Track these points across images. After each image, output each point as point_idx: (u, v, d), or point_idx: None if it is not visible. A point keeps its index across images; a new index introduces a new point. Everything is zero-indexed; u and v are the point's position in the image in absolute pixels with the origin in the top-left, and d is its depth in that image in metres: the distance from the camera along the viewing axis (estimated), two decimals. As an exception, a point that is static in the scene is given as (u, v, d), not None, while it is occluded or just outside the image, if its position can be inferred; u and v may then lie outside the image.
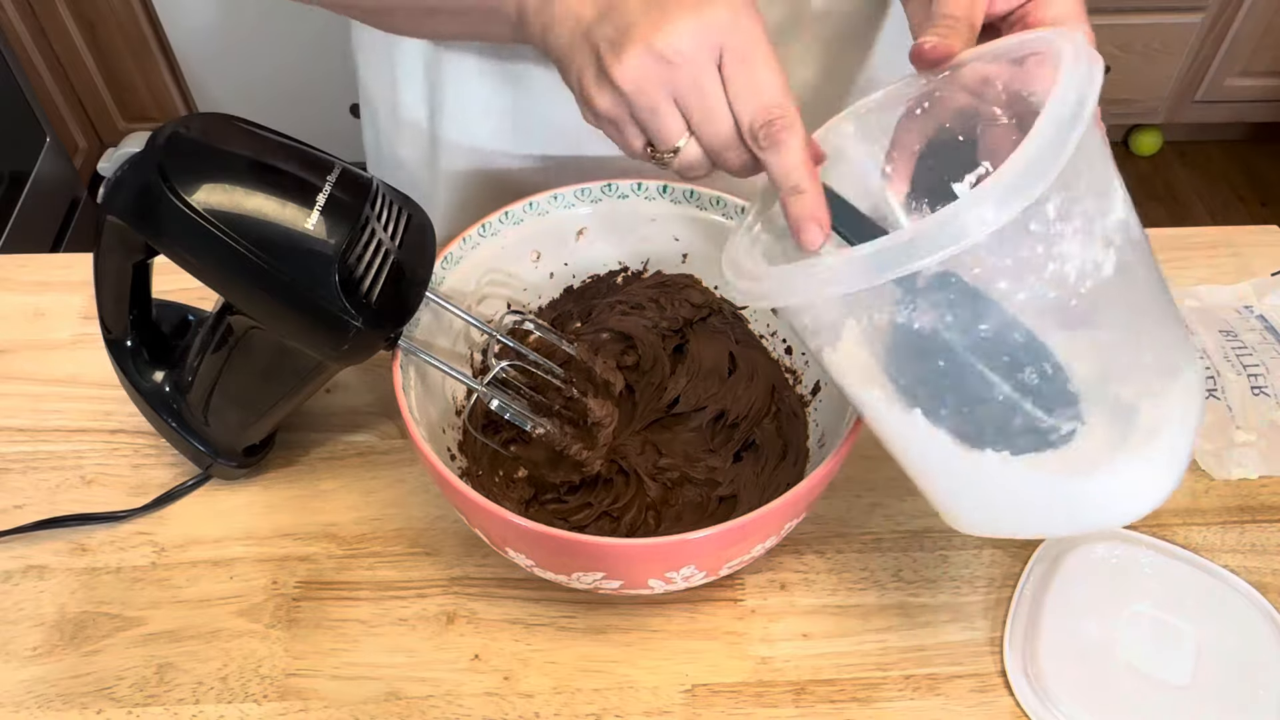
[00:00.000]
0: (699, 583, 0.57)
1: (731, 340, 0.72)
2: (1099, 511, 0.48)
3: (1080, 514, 0.48)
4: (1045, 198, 0.40)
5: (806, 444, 0.66)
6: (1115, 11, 1.94)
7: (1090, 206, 0.42)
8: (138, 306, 0.63)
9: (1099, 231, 0.42)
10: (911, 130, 0.52)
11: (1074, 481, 0.46)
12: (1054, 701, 0.58)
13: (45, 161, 1.92)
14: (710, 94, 0.47)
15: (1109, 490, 0.47)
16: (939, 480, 0.51)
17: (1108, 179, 0.44)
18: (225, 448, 0.67)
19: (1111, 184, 0.44)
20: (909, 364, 0.46)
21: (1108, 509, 0.48)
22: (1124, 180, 0.45)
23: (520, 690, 0.60)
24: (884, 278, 0.41)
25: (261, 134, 0.55)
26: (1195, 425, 0.47)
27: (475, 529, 0.58)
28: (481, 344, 0.69)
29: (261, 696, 0.60)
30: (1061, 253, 0.41)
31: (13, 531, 0.66)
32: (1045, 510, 0.48)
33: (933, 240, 0.39)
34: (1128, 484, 0.47)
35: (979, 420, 0.46)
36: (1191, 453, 0.48)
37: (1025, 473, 0.46)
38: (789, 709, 0.59)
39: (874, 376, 0.47)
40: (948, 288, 0.42)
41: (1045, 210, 0.40)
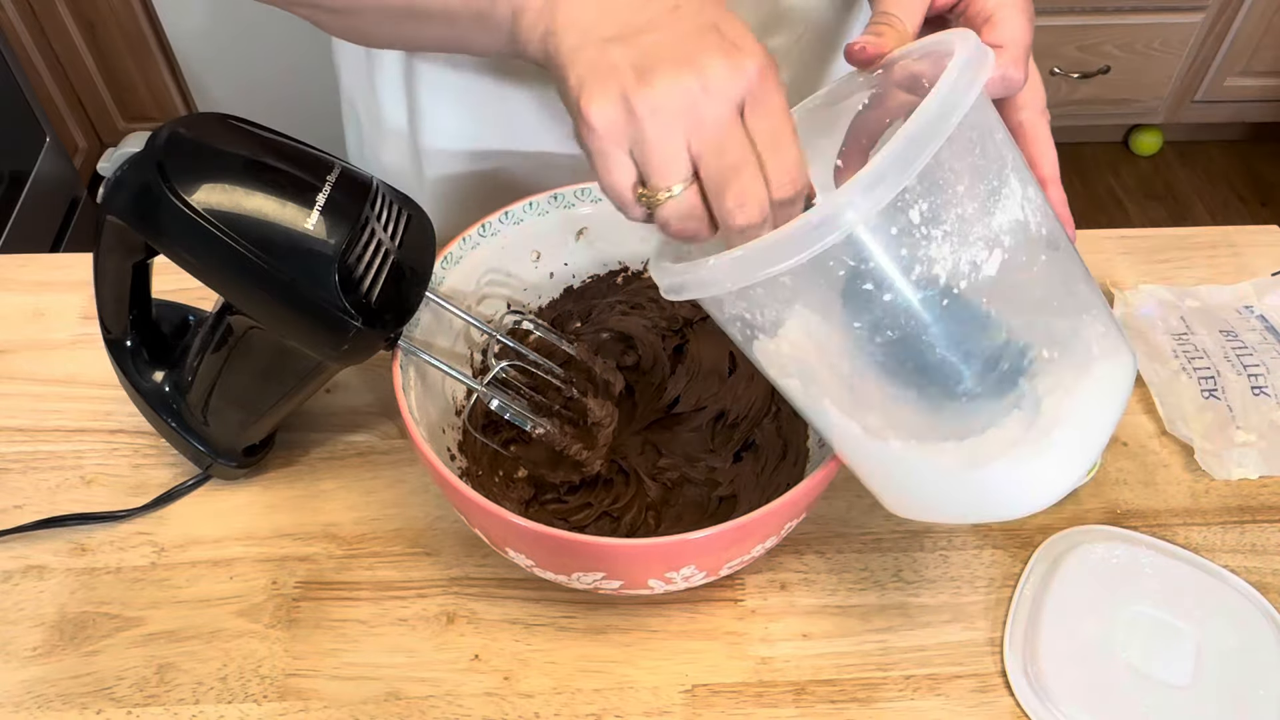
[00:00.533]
0: (699, 583, 0.57)
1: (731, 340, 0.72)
2: (999, 503, 0.49)
3: (983, 504, 0.49)
4: (907, 203, 0.40)
5: (806, 444, 0.66)
6: (1115, 11, 1.94)
7: (969, 209, 0.43)
8: (138, 306, 0.63)
9: (979, 234, 0.43)
10: (859, 126, 0.53)
11: (974, 471, 0.47)
12: (1054, 701, 0.58)
13: (45, 161, 1.92)
14: (737, 148, 0.43)
15: (1009, 481, 0.47)
16: (859, 465, 0.53)
17: (1001, 179, 0.44)
18: (225, 448, 0.67)
19: (1006, 184, 0.44)
20: (807, 358, 0.47)
21: (1007, 501, 0.49)
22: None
23: (520, 690, 0.60)
24: (752, 279, 0.42)
25: (261, 134, 0.55)
26: (1106, 420, 0.48)
27: (475, 529, 0.58)
28: (481, 344, 0.69)
29: (261, 696, 0.60)
30: (928, 256, 0.42)
31: (12, 531, 0.66)
32: (952, 498, 0.50)
33: (793, 244, 0.41)
34: (1026, 477, 0.47)
35: (877, 412, 0.47)
36: (1100, 447, 0.48)
37: (926, 461, 0.48)
38: (789, 709, 0.59)
39: (785, 368, 0.49)
40: (819, 287, 0.43)
41: (908, 215, 0.41)
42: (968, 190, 0.43)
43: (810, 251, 0.41)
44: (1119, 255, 0.84)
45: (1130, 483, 0.69)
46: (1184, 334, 0.76)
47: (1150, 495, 0.69)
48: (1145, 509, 0.68)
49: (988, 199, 0.44)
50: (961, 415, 0.46)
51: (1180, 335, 0.76)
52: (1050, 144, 0.54)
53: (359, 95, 0.82)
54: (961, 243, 0.42)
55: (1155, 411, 0.73)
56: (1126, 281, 0.81)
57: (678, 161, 0.43)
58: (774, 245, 0.41)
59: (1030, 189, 0.46)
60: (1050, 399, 0.46)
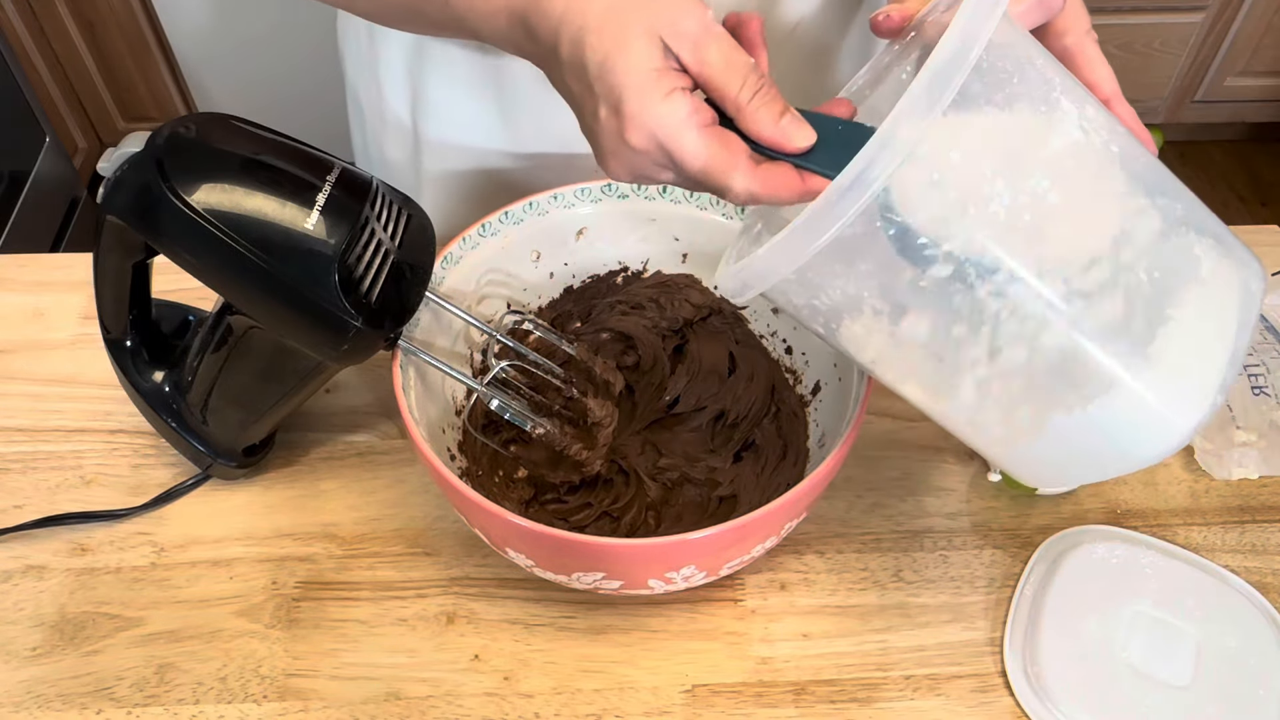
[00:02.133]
0: (699, 583, 0.57)
1: (731, 340, 0.72)
2: (1125, 454, 0.46)
3: (1109, 458, 0.47)
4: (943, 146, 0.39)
5: (806, 444, 0.66)
6: (1115, 11, 1.94)
7: (1017, 143, 0.41)
8: (137, 306, 0.63)
9: (1033, 162, 0.41)
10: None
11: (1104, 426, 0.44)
12: (1054, 701, 0.58)
13: (45, 161, 1.92)
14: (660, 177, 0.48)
15: (1132, 427, 0.44)
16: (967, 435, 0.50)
17: (1049, 103, 0.42)
18: (225, 448, 0.67)
19: (1056, 108, 0.42)
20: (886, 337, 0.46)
21: (1134, 450, 0.45)
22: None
23: (520, 690, 0.60)
24: (802, 258, 0.41)
25: (261, 134, 0.55)
26: (1224, 345, 0.43)
27: (475, 529, 0.58)
28: (481, 344, 0.69)
29: (261, 697, 0.60)
30: (981, 194, 0.40)
31: (12, 530, 0.66)
32: (1086, 456, 0.47)
33: (829, 211, 0.39)
34: (1149, 420, 0.44)
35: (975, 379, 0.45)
36: (1221, 375, 0.43)
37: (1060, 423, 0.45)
38: (789, 709, 0.59)
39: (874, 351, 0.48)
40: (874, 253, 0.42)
41: (948, 157, 0.40)
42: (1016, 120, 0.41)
43: (846, 218, 0.39)
44: (1119, 255, 0.84)
45: (1130, 483, 0.69)
46: (1184, 334, 0.76)
47: (1150, 495, 0.69)
48: (1145, 509, 0.68)
49: (1037, 128, 0.42)
50: (1066, 361, 0.43)
51: (1180, 335, 0.76)
52: (1104, 63, 0.52)
53: (363, 88, 0.82)
54: (1017, 175, 0.40)
55: (1155, 411, 0.73)
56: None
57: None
58: (813, 217, 0.40)
59: (1089, 108, 0.44)
60: (1161, 329, 0.42)
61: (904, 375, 0.49)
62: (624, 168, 0.49)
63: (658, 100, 0.45)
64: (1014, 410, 0.46)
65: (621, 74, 0.45)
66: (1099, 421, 0.44)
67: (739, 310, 0.72)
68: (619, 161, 0.48)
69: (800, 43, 0.74)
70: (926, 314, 0.44)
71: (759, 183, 0.47)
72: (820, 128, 0.48)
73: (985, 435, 0.49)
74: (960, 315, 0.43)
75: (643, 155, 0.47)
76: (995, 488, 0.69)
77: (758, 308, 0.71)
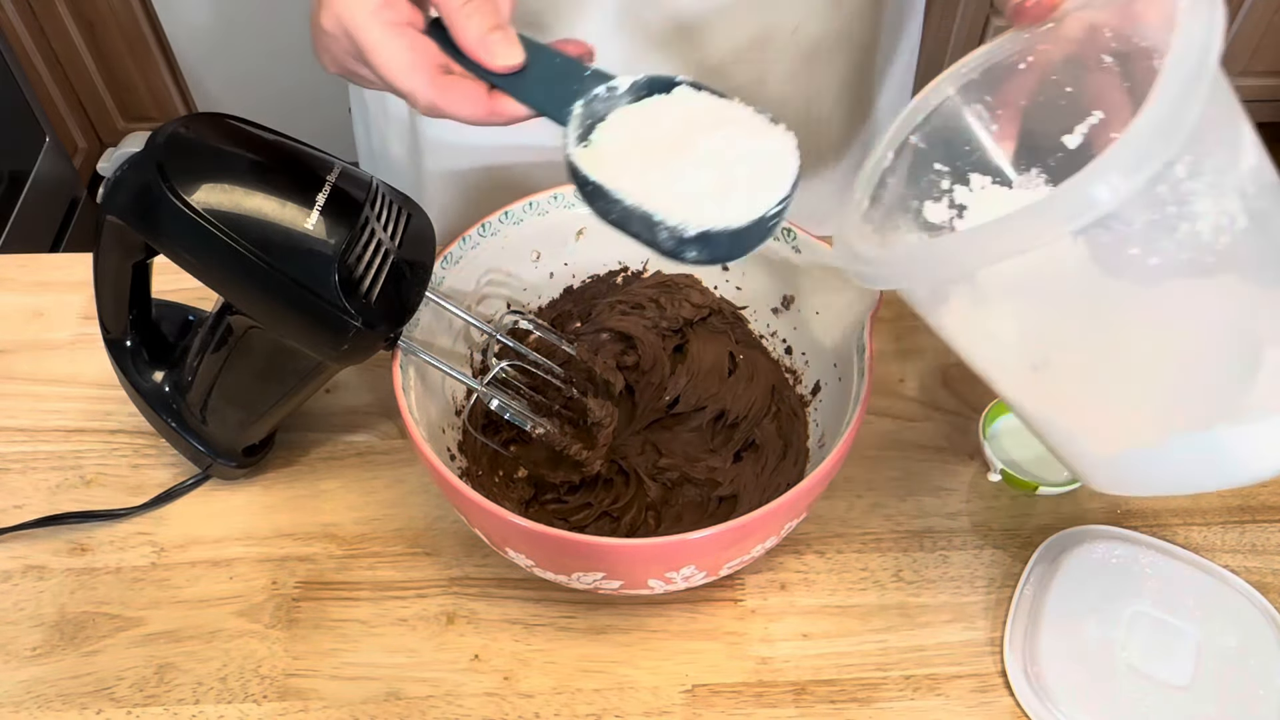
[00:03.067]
0: (699, 583, 0.57)
1: (731, 340, 0.72)
2: (1242, 466, 0.46)
3: (1223, 469, 0.47)
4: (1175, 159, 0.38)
5: (806, 444, 0.66)
6: (1115, 11, 1.94)
7: (1221, 159, 0.40)
8: (137, 306, 0.63)
9: (1231, 183, 0.41)
10: (1015, 86, 0.51)
11: (1222, 438, 0.45)
12: (1054, 701, 0.58)
13: (45, 161, 1.92)
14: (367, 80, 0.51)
15: (1252, 442, 0.45)
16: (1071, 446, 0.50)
17: (1236, 125, 0.42)
18: (225, 448, 0.67)
19: (1240, 130, 0.42)
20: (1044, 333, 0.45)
21: (1250, 462, 0.46)
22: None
23: (520, 690, 0.60)
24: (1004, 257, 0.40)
25: (261, 134, 0.55)
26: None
27: (475, 529, 0.58)
28: (481, 344, 0.69)
29: (261, 696, 0.60)
30: (1194, 211, 0.39)
31: (12, 529, 0.66)
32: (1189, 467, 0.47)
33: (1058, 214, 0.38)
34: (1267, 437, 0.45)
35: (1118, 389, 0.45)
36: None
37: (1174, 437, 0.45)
38: (789, 709, 0.59)
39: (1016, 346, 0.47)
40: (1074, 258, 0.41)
41: (1174, 171, 0.39)
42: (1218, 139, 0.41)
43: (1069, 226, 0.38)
44: (1119, 255, 0.84)
45: (1130, 483, 0.69)
46: (1184, 334, 0.76)
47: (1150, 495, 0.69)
48: (1145, 509, 0.68)
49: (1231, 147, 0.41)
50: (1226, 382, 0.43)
51: (1180, 335, 0.76)
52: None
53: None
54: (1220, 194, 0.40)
55: (1155, 411, 0.73)
56: (1126, 281, 0.81)
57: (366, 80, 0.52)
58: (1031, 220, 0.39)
59: (1253, 132, 0.43)
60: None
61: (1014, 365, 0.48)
62: (324, 54, 0.51)
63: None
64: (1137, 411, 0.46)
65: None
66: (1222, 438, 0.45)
67: (739, 310, 0.72)
68: (319, 46, 0.51)
69: (800, 44, 0.74)
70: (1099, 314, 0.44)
71: (438, 92, 0.47)
72: (536, 57, 0.46)
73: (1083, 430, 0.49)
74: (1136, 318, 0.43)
75: (334, 40, 0.49)
76: (995, 488, 0.69)
77: (758, 308, 0.71)
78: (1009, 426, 0.71)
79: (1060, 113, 0.49)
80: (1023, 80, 0.50)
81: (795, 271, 0.66)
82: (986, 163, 0.52)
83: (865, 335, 0.59)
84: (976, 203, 0.51)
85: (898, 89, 0.85)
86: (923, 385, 0.75)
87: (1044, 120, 0.50)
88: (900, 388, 0.74)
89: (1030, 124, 0.51)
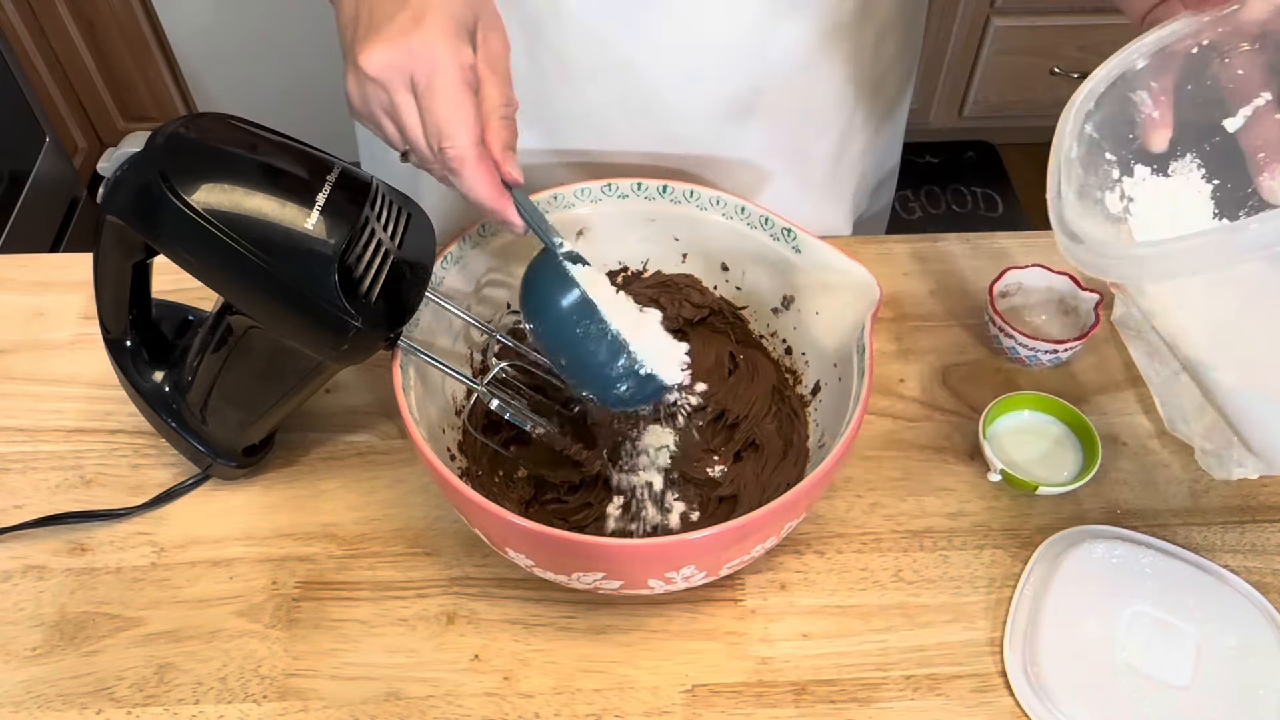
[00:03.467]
0: (699, 583, 0.57)
1: (731, 340, 0.72)
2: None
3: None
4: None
5: (806, 444, 0.66)
6: (1115, 11, 1.93)
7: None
8: (137, 306, 0.63)
9: None
10: (1182, 70, 0.51)
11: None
12: (1054, 701, 0.58)
13: (45, 161, 1.92)
14: (404, 113, 0.52)
15: None
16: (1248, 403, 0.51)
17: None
18: (225, 448, 0.67)
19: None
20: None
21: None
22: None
23: (520, 690, 0.60)
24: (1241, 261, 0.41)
25: (261, 134, 0.55)
26: None
27: (475, 529, 0.58)
28: (481, 344, 0.69)
29: (261, 696, 0.60)
30: None
31: (12, 529, 0.66)
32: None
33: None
34: None
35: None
36: None
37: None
38: (789, 709, 0.59)
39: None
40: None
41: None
42: None
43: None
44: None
45: (1130, 483, 0.69)
46: (1184, 334, 0.76)
47: (1150, 495, 0.69)
48: (1145, 509, 0.68)
49: None
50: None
51: (1180, 335, 0.76)
52: None
53: None
54: None
55: (1155, 411, 0.73)
56: (1126, 281, 0.81)
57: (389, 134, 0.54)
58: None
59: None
60: None
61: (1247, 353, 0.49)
62: (360, 91, 0.52)
63: (455, 28, 0.51)
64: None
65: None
66: None
67: (739, 310, 0.72)
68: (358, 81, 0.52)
69: (796, 63, 0.73)
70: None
71: (477, 155, 0.52)
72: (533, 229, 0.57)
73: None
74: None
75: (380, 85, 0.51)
76: (995, 488, 0.69)
77: (758, 308, 0.71)
78: (1009, 426, 0.71)
79: (1224, 96, 0.50)
80: (1191, 64, 0.51)
81: (795, 271, 0.66)
82: (1145, 151, 0.52)
83: (865, 335, 0.59)
84: (1141, 194, 0.52)
85: (896, 93, 0.85)
86: (923, 385, 0.75)
87: (1204, 104, 0.51)
88: (900, 388, 0.74)
89: (1189, 108, 0.51)
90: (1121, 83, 0.52)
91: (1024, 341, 0.73)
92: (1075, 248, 0.47)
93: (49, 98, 2.01)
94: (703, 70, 0.72)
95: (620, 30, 0.69)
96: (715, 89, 0.73)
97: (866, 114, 0.82)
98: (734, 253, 0.69)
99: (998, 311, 0.74)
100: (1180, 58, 0.51)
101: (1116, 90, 0.52)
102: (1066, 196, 0.50)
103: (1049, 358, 0.74)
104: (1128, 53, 0.52)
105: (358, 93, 0.53)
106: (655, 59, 0.71)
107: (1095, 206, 0.51)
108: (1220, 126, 0.50)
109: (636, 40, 0.70)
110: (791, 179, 0.80)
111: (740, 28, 0.70)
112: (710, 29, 0.70)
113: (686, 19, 0.69)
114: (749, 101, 0.74)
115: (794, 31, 0.71)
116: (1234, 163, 0.51)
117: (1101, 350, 0.77)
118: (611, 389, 0.59)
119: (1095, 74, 0.52)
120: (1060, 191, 0.50)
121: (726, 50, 0.71)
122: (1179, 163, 0.52)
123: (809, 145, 0.80)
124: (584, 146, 0.76)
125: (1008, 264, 0.77)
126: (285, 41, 1.92)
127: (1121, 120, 0.52)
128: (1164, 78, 0.51)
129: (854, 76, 0.77)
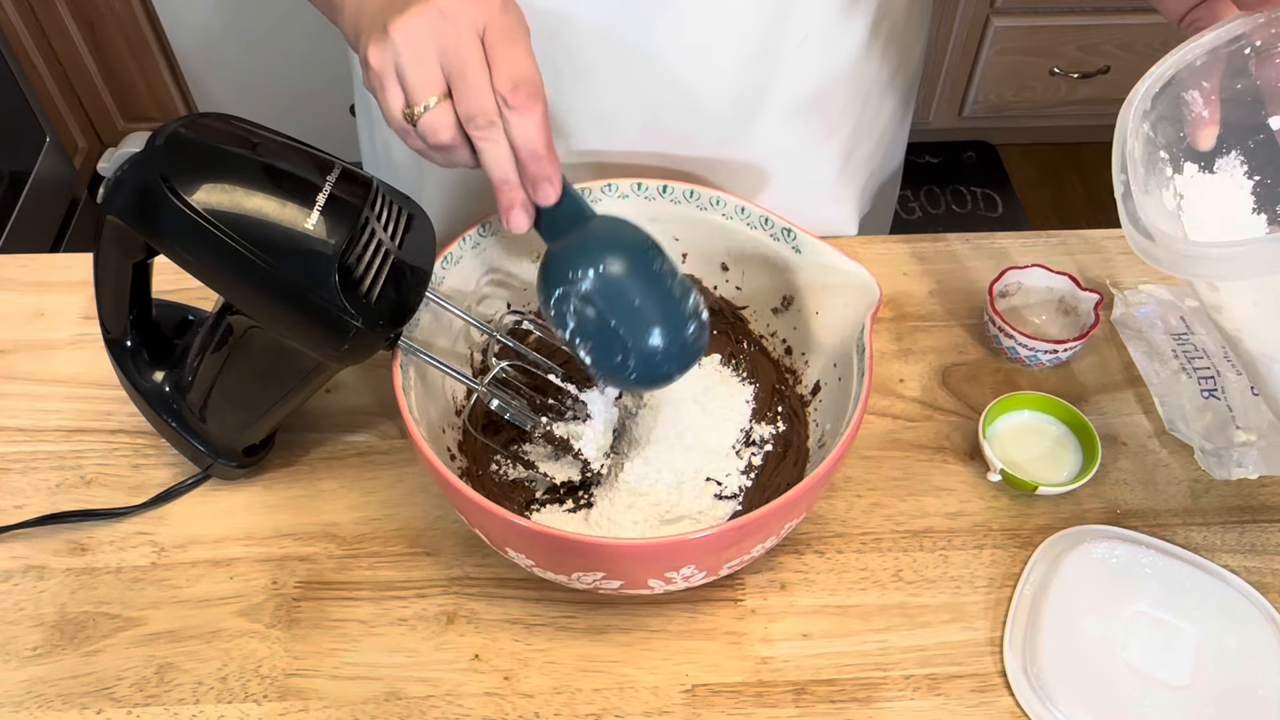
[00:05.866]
0: (699, 583, 0.57)
1: (731, 340, 0.72)
2: None
3: None
4: None
5: (806, 444, 0.66)
6: (1115, 11, 1.94)
7: None
8: (138, 306, 0.63)
9: None
10: (1232, 69, 0.52)
11: None
12: (1054, 701, 0.58)
13: (45, 161, 1.92)
14: (471, 56, 0.50)
15: None
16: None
17: None
18: (225, 448, 0.67)
19: None
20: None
21: None
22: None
23: (520, 690, 0.60)
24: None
25: (261, 134, 0.55)
26: None
27: (475, 529, 0.58)
28: (481, 344, 0.69)
29: (261, 696, 0.60)
30: None
31: (12, 528, 0.66)
32: None
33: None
34: None
35: None
36: None
37: None
38: (789, 709, 0.59)
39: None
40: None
41: None
42: None
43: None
44: (1119, 255, 0.84)
45: (1130, 483, 0.69)
46: (1184, 334, 0.76)
47: (1150, 495, 0.69)
48: (1145, 509, 0.68)
49: None
50: None
51: (1180, 335, 0.76)
52: None
53: None
54: None
55: (1155, 411, 0.73)
56: (1126, 281, 0.81)
57: (428, 75, 0.51)
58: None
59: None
60: None
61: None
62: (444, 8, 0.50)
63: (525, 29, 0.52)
64: None
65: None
66: None
67: (739, 310, 0.72)
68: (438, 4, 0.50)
69: (808, 54, 0.73)
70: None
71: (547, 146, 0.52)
72: (568, 198, 0.55)
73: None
74: None
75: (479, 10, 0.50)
76: (995, 488, 0.69)
77: (758, 308, 0.71)
78: (1009, 426, 0.71)
79: (1270, 95, 0.51)
80: (1239, 63, 0.51)
81: (795, 271, 0.66)
82: (1192, 149, 0.53)
83: (865, 335, 0.59)
84: (1190, 191, 0.53)
85: (901, 101, 0.85)
86: (922, 385, 0.75)
87: (1250, 103, 0.52)
88: (900, 388, 0.75)
89: (1234, 107, 0.52)
90: (1175, 82, 0.52)
91: (1024, 341, 0.73)
92: (1150, 246, 0.48)
93: (49, 98, 2.01)
94: (715, 70, 0.72)
95: (633, 31, 0.69)
96: (727, 89, 0.73)
97: (875, 114, 0.82)
98: (734, 253, 0.69)
99: (997, 311, 0.74)
100: (1228, 57, 0.52)
101: (1170, 90, 0.52)
102: (1135, 195, 0.51)
103: (1049, 358, 0.74)
104: (1184, 52, 0.53)
105: (417, 28, 0.50)
106: (668, 59, 0.71)
107: (1156, 204, 0.52)
108: (1265, 125, 0.51)
109: (650, 41, 0.69)
110: (800, 179, 0.80)
111: (754, 28, 0.70)
112: (722, 29, 0.70)
113: (699, 19, 0.69)
114: (761, 102, 0.74)
115: (807, 32, 0.71)
116: (1275, 160, 0.52)
117: (1101, 350, 0.77)
118: (683, 330, 0.57)
119: (1151, 72, 0.52)
120: (1129, 190, 0.51)
121: (739, 50, 0.71)
122: (1223, 159, 0.53)
123: (819, 145, 0.80)
124: (594, 147, 0.76)
125: (1007, 264, 0.77)
126: (285, 41, 1.92)
127: (1173, 119, 0.53)
128: (1214, 77, 0.52)
129: (865, 76, 0.77)
